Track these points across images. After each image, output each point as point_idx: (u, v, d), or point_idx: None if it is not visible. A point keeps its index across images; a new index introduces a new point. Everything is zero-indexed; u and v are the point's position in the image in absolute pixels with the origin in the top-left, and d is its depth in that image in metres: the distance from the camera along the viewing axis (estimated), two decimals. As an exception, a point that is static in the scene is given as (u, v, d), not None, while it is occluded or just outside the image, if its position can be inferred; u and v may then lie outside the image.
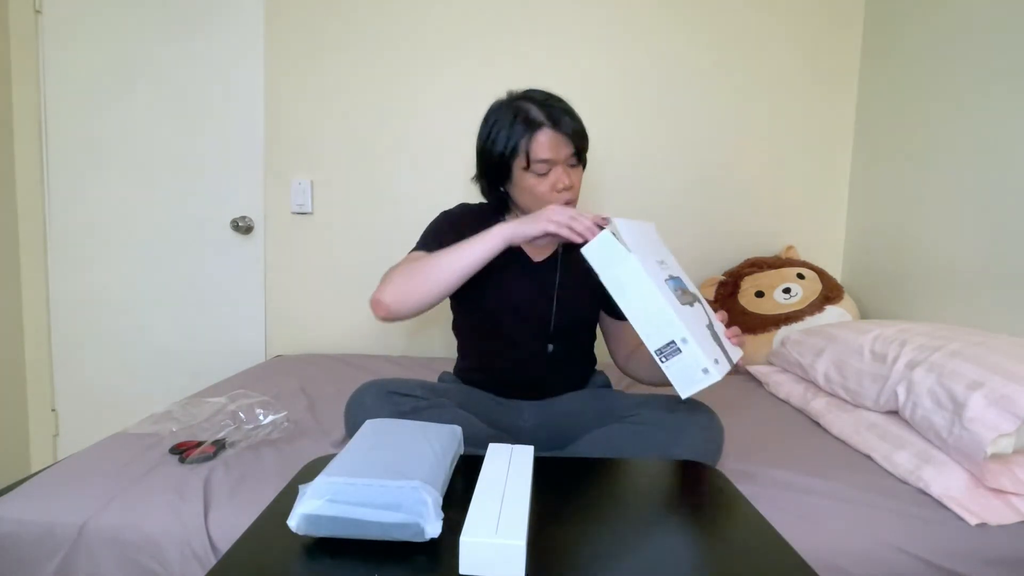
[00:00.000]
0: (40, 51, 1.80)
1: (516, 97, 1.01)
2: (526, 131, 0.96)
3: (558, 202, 0.96)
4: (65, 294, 1.88)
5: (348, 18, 1.82)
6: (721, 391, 1.50)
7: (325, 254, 1.89)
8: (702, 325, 0.80)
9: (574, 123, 0.98)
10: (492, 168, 1.03)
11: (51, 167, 1.84)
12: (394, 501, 0.54)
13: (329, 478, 0.57)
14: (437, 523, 0.54)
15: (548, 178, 0.98)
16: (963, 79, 1.45)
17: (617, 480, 0.67)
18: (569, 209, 0.86)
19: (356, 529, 0.54)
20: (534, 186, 0.99)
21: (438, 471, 0.62)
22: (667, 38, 1.84)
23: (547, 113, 0.96)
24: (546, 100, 0.99)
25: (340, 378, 1.50)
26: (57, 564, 0.79)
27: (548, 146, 0.96)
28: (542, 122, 0.96)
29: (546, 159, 0.96)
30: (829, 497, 0.89)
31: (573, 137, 0.97)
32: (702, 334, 0.77)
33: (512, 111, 0.98)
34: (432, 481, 0.58)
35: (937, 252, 1.53)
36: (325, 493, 0.55)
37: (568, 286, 1.07)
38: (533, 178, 0.98)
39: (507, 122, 0.98)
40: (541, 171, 0.97)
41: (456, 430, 0.76)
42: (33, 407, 1.89)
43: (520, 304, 1.05)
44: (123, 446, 1.01)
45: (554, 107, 0.98)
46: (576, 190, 1.02)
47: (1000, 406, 0.88)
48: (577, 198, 1.02)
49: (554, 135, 0.96)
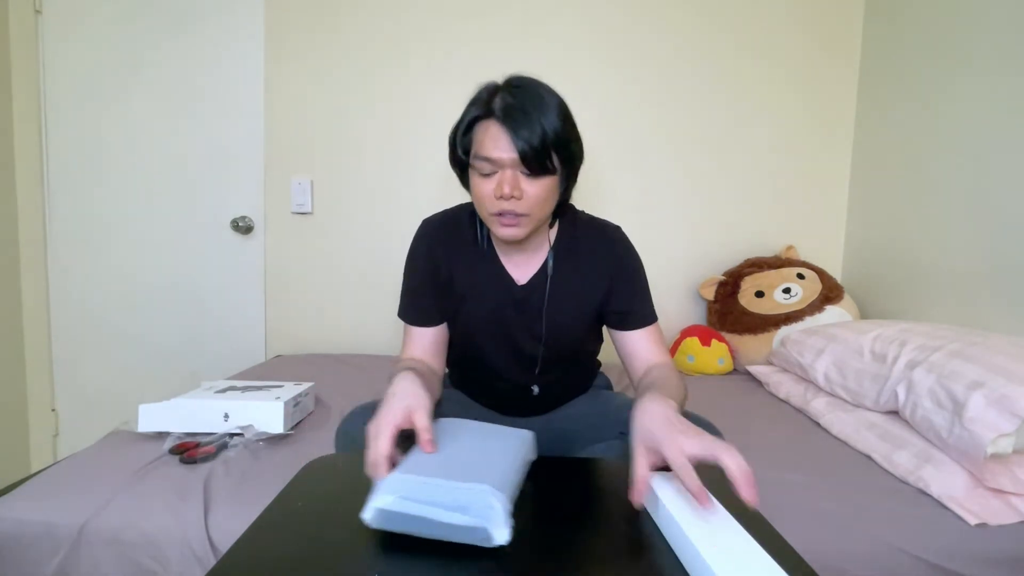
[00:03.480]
0: (40, 51, 1.80)
1: (498, 83, 0.85)
2: (477, 117, 0.82)
3: (495, 209, 0.82)
4: (65, 294, 1.88)
5: (348, 18, 1.82)
6: (721, 391, 1.51)
7: (325, 254, 1.89)
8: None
9: (530, 132, 0.78)
10: (453, 156, 0.89)
11: (51, 167, 1.84)
12: (463, 503, 0.53)
13: (403, 475, 0.57)
14: (505, 529, 0.52)
15: (491, 180, 0.82)
16: (962, 80, 1.45)
17: (616, 480, 0.67)
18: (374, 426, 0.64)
19: (425, 528, 0.54)
20: (476, 184, 0.84)
21: (509, 476, 0.60)
22: (667, 39, 1.84)
23: (504, 107, 0.79)
24: (514, 94, 0.81)
25: (340, 378, 1.51)
26: (57, 564, 0.80)
27: (492, 144, 0.80)
28: (492, 113, 0.80)
29: (488, 157, 0.80)
30: (829, 497, 0.90)
31: (521, 147, 0.78)
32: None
33: (481, 92, 0.84)
34: (502, 486, 0.56)
35: (937, 252, 1.53)
36: (398, 489, 0.55)
37: (557, 313, 0.94)
38: (477, 176, 0.83)
39: (470, 103, 0.85)
40: (483, 170, 0.82)
41: (527, 435, 0.72)
42: (33, 407, 1.89)
43: (503, 340, 0.96)
44: (123, 446, 1.01)
45: (515, 107, 0.79)
46: (529, 204, 0.82)
47: (1000, 406, 0.89)
48: (533, 214, 0.83)
49: (500, 134, 0.79)
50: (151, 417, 1.06)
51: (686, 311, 1.93)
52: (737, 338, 1.73)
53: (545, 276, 0.93)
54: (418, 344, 0.96)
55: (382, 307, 1.88)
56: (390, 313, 0.99)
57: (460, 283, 0.94)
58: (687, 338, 1.74)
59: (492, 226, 0.86)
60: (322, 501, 0.64)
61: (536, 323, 0.94)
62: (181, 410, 1.06)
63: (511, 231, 0.84)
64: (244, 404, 1.07)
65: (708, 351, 1.70)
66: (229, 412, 1.07)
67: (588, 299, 0.95)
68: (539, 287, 0.94)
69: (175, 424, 1.06)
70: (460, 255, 0.95)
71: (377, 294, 1.88)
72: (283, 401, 1.08)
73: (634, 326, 0.94)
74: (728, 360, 1.72)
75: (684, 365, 1.71)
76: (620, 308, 0.95)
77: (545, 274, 0.93)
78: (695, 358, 1.70)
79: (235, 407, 1.07)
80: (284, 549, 0.54)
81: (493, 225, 0.85)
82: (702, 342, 1.71)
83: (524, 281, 0.94)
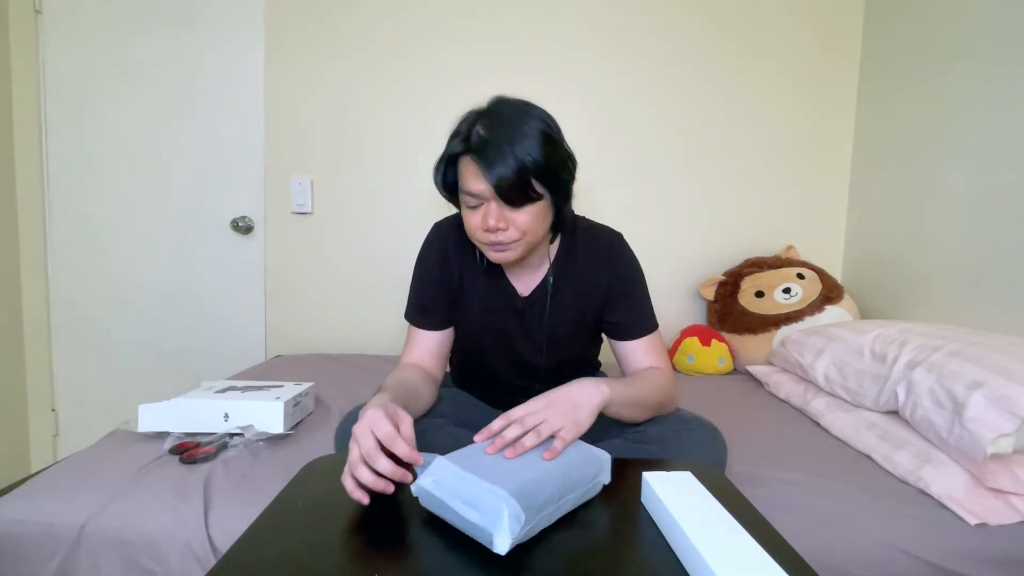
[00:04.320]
0: (40, 51, 1.80)
1: (477, 111, 0.84)
2: (458, 151, 0.82)
3: (485, 240, 0.83)
4: (65, 294, 1.88)
5: (348, 18, 1.82)
6: (721, 391, 1.51)
7: (325, 254, 1.89)
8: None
9: (504, 166, 0.77)
10: (439, 187, 0.89)
11: (51, 167, 1.84)
12: (479, 502, 0.54)
13: (444, 460, 0.59)
14: (508, 539, 0.51)
15: (477, 212, 0.82)
16: (962, 80, 1.45)
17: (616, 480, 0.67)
18: (357, 450, 0.61)
19: (449, 516, 0.56)
20: (465, 215, 0.85)
21: (543, 490, 0.57)
22: (667, 39, 1.84)
23: (478, 141, 0.79)
24: (489, 127, 0.79)
25: (340, 378, 1.50)
26: (57, 564, 0.80)
27: (471, 179, 0.80)
28: (469, 150, 0.80)
29: (469, 192, 0.81)
30: (829, 497, 0.89)
31: (495, 181, 0.77)
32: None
33: (461, 123, 0.84)
34: (523, 496, 0.53)
35: (937, 252, 1.53)
36: (436, 473, 0.58)
37: (558, 323, 0.96)
38: (465, 208, 0.84)
39: (452, 135, 0.84)
40: (468, 203, 0.83)
41: (602, 457, 0.65)
42: (33, 407, 1.89)
43: (505, 349, 0.98)
44: (123, 446, 1.01)
45: (488, 141, 0.78)
46: (520, 230, 0.82)
47: (1000, 406, 0.88)
48: (526, 237, 0.84)
49: (476, 168, 0.79)
50: (151, 417, 1.06)
51: (686, 311, 1.93)
52: (737, 338, 1.73)
53: (546, 289, 0.95)
54: (423, 347, 0.97)
55: (382, 307, 1.88)
56: (390, 313, 1.00)
57: (468, 290, 0.96)
58: (687, 338, 1.74)
59: (486, 252, 0.88)
60: (322, 501, 0.64)
61: (537, 334, 0.97)
62: (181, 410, 1.06)
63: (503, 255, 0.86)
64: (244, 404, 1.07)
65: (708, 351, 1.70)
66: (229, 412, 1.07)
67: (586, 310, 0.97)
68: (540, 300, 0.96)
69: (175, 424, 1.06)
70: (470, 263, 0.97)
71: (377, 294, 1.88)
72: (283, 401, 1.08)
73: (630, 336, 0.95)
74: (728, 360, 1.72)
75: (684, 365, 1.71)
76: (616, 319, 0.96)
77: (544, 286, 0.95)
78: (695, 358, 1.70)
79: (235, 407, 1.07)
80: (284, 549, 0.54)
81: (486, 251, 0.87)
82: (702, 342, 1.71)
83: (527, 293, 0.97)
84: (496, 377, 1.03)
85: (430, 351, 0.97)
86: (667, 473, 0.63)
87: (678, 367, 1.72)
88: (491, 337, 0.98)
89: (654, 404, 0.87)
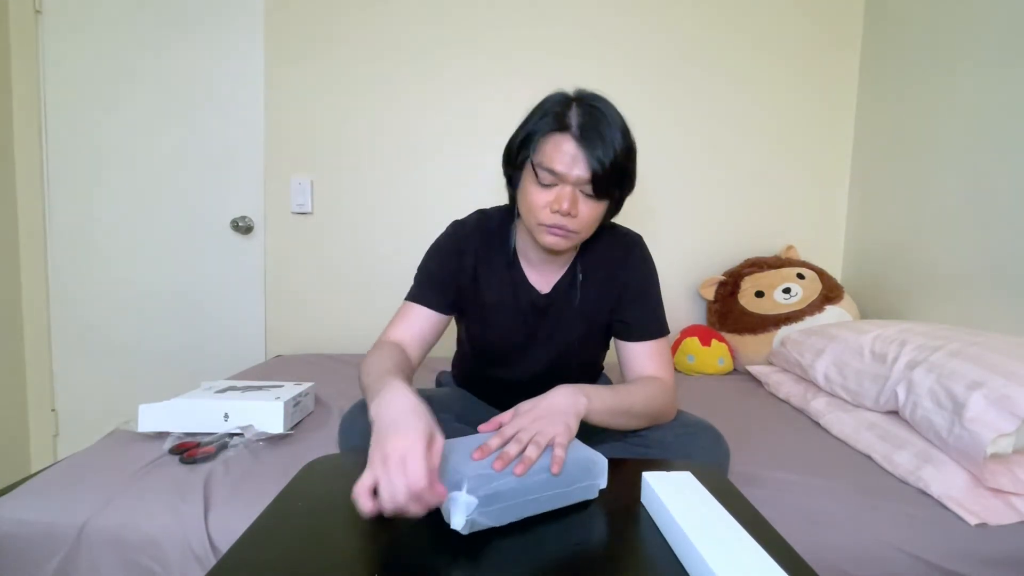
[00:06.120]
0: (40, 51, 1.80)
1: (570, 95, 0.85)
2: (549, 129, 0.82)
3: (549, 222, 0.84)
4: (65, 293, 1.88)
5: (348, 18, 1.82)
6: (721, 391, 1.51)
7: (325, 254, 1.89)
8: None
9: (604, 153, 0.80)
10: (509, 159, 0.90)
11: (51, 167, 1.84)
12: (451, 483, 0.57)
13: (448, 441, 0.63)
14: (462, 518, 0.55)
15: (549, 192, 0.83)
16: (962, 80, 1.45)
17: (616, 480, 0.67)
18: (398, 473, 0.54)
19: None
20: (531, 192, 0.85)
21: (507, 482, 0.57)
22: (666, 39, 1.84)
23: (581, 124, 0.80)
24: (590, 111, 0.82)
25: (340, 378, 1.50)
26: (57, 564, 0.79)
27: (560, 157, 0.81)
28: (568, 127, 0.81)
29: (552, 169, 0.81)
30: (829, 497, 0.89)
31: (593, 167, 0.80)
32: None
33: (552, 103, 0.85)
34: (480, 485, 0.56)
35: (937, 252, 1.53)
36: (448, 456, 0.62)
37: (578, 319, 0.97)
38: (534, 184, 0.84)
39: (540, 112, 0.85)
40: (544, 180, 0.83)
41: (597, 460, 0.65)
42: (33, 407, 1.89)
43: (519, 345, 0.99)
44: (123, 446, 1.01)
45: (590, 126, 0.80)
46: (581, 222, 0.84)
47: (1000, 406, 0.89)
48: (582, 232, 0.87)
49: (575, 150, 0.80)
50: (151, 417, 1.06)
51: (686, 311, 1.93)
52: (737, 338, 1.73)
53: (565, 285, 0.97)
54: (415, 325, 0.93)
55: (382, 307, 1.87)
56: (390, 313, 0.99)
57: (484, 287, 0.96)
58: (687, 338, 1.74)
59: (538, 234, 0.87)
60: (322, 501, 0.64)
61: (555, 331, 0.98)
62: (181, 410, 1.06)
63: (556, 240, 0.86)
64: (244, 404, 1.07)
65: (708, 351, 1.70)
66: (229, 412, 1.07)
67: (601, 309, 0.97)
68: (559, 296, 0.97)
69: (175, 424, 1.06)
70: (487, 260, 0.97)
71: (377, 294, 1.88)
72: (283, 401, 1.08)
73: (636, 338, 0.95)
74: (728, 360, 1.72)
75: (684, 365, 1.71)
76: (625, 319, 0.96)
77: (565, 283, 0.97)
78: (695, 358, 1.70)
79: (235, 407, 1.07)
80: (284, 549, 0.54)
81: (539, 233, 0.87)
82: (702, 342, 1.71)
83: (547, 290, 0.97)
84: (503, 374, 1.02)
85: (423, 333, 0.93)
86: (667, 473, 0.63)
87: (678, 367, 1.72)
88: (507, 334, 0.98)
89: (644, 414, 0.85)
